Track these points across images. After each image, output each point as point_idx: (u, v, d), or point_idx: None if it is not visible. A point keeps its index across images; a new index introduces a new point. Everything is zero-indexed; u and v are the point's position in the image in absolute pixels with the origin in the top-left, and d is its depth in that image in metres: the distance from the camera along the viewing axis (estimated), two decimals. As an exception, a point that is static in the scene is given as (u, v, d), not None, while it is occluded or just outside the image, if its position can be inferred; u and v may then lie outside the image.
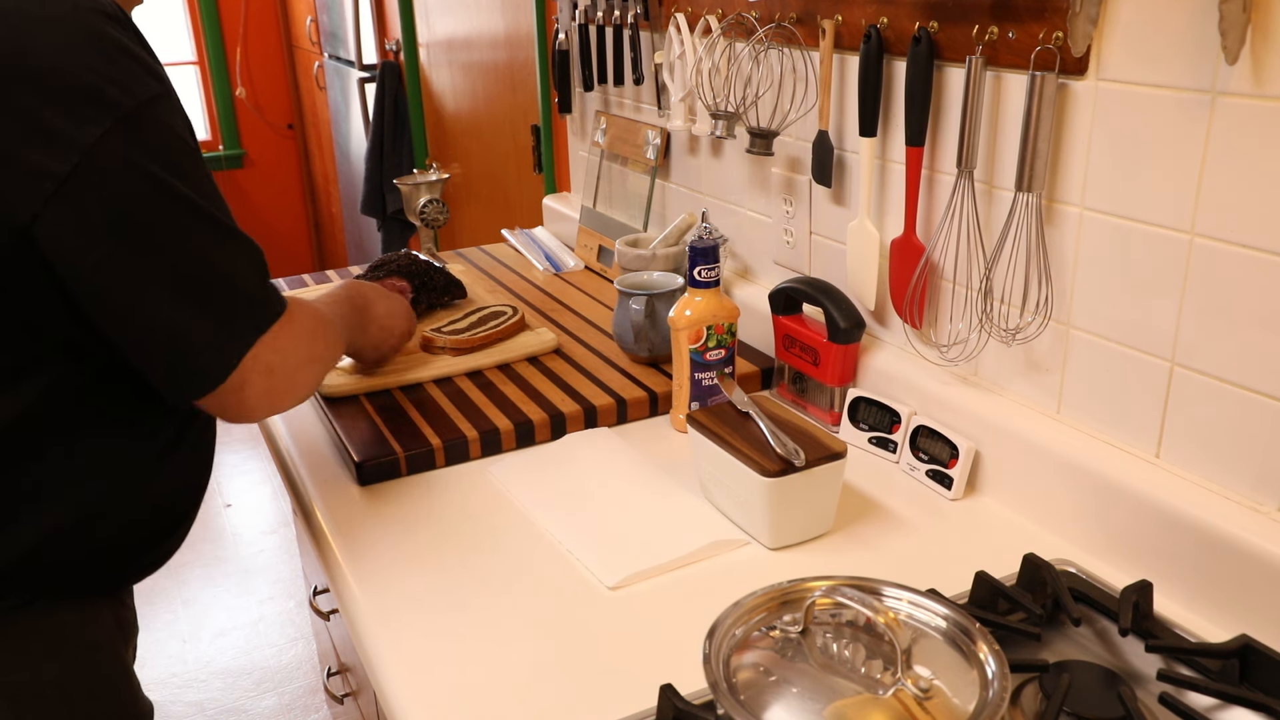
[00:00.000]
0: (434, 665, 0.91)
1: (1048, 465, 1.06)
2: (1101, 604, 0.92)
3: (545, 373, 1.42)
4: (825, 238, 1.38)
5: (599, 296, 1.74)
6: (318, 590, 1.58)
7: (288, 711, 2.41)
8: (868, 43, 1.19)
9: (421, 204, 1.99)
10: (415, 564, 1.06)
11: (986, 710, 0.70)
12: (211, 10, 4.45)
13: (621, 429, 1.33)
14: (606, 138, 1.89)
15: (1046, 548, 1.02)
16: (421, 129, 3.21)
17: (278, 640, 2.64)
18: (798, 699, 0.74)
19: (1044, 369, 1.09)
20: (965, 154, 1.08)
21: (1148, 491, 0.96)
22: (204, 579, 2.88)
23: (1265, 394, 0.89)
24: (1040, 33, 1.00)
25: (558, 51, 1.95)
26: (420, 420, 1.29)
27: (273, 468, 3.24)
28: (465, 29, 2.69)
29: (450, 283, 1.64)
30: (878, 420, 1.24)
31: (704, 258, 1.25)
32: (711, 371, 1.28)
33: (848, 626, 0.80)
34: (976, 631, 0.78)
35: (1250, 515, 0.90)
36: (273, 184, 4.80)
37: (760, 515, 1.05)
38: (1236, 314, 0.89)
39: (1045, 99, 0.99)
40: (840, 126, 1.30)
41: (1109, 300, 1.01)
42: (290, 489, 1.28)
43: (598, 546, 1.06)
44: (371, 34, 3.42)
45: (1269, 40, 0.81)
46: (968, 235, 1.12)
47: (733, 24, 1.42)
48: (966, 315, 1.16)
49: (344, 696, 1.62)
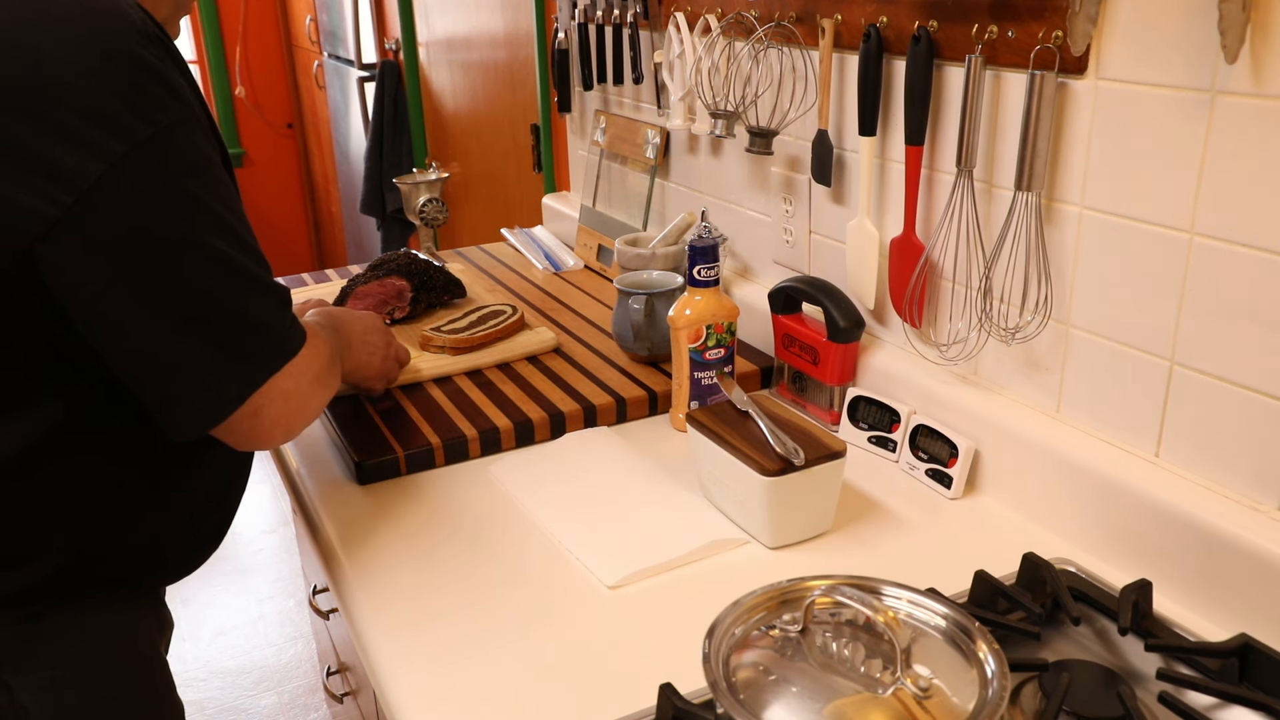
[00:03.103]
0: (433, 664, 0.91)
1: (1047, 464, 1.06)
2: (1101, 603, 0.92)
3: (545, 372, 1.42)
4: (825, 237, 1.38)
5: (598, 296, 1.74)
6: (317, 589, 1.58)
7: (287, 710, 2.41)
8: (867, 42, 1.18)
9: (421, 203, 1.99)
10: (415, 563, 1.06)
11: (986, 709, 0.70)
12: (211, 9, 4.45)
13: (621, 428, 1.33)
14: (606, 137, 1.89)
15: (1046, 547, 1.02)
16: (421, 128, 3.21)
17: (277, 639, 2.64)
18: (797, 698, 0.74)
19: (1044, 368, 1.09)
20: (965, 153, 1.08)
21: (1147, 490, 0.96)
22: (203, 578, 2.88)
23: (1265, 393, 0.89)
24: (1040, 32, 1.00)
25: (557, 50, 1.95)
26: (420, 419, 1.29)
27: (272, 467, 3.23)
28: (465, 28, 2.69)
29: (450, 282, 1.63)
30: (877, 419, 1.24)
31: (703, 257, 1.25)
32: (711, 371, 1.28)
33: (847, 626, 0.80)
34: (976, 631, 0.78)
35: (1250, 514, 0.90)
36: (272, 183, 4.80)
37: (760, 514, 1.05)
38: (1236, 313, 0.89)
39: (1045, 98, 0.99)
40: (840, 126, 1.30)
41: (1109, 299, 1.01)
42: (290, 488, 1.28)
43: (597, 546, 1.06)
44: (371, 33, 3.42)
45: (1268, 39, 0.81)
46: (967, 234, 1.12)
47: (732, 23, 1.42)
48: (966, 314, 1.16)
49: (343, 695, 1.62)
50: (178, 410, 0.86)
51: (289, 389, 0.90)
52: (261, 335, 0.88)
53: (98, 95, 0.79)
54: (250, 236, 0.89)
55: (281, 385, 0.89)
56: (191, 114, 0.84)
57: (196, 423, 0.87)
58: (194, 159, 0.84)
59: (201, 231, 0.84)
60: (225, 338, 0.86)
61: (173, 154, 0.82)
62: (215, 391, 0.86)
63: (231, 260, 0.86)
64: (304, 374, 0.92)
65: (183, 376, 0.85)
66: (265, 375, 0.88)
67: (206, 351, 0.85)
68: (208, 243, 0.84)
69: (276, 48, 4.62)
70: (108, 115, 0.79)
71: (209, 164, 0.86)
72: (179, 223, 0.83)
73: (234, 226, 0.87)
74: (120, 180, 0.79)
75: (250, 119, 4.66)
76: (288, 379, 0.89)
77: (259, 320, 0.88)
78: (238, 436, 0.90)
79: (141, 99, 0.80)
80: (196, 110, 0.86)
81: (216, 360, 0.85)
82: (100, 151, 0.78)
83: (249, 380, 0.87)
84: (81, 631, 0.96)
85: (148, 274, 0.82)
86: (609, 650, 0.93)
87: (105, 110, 0.79)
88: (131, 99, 0.80)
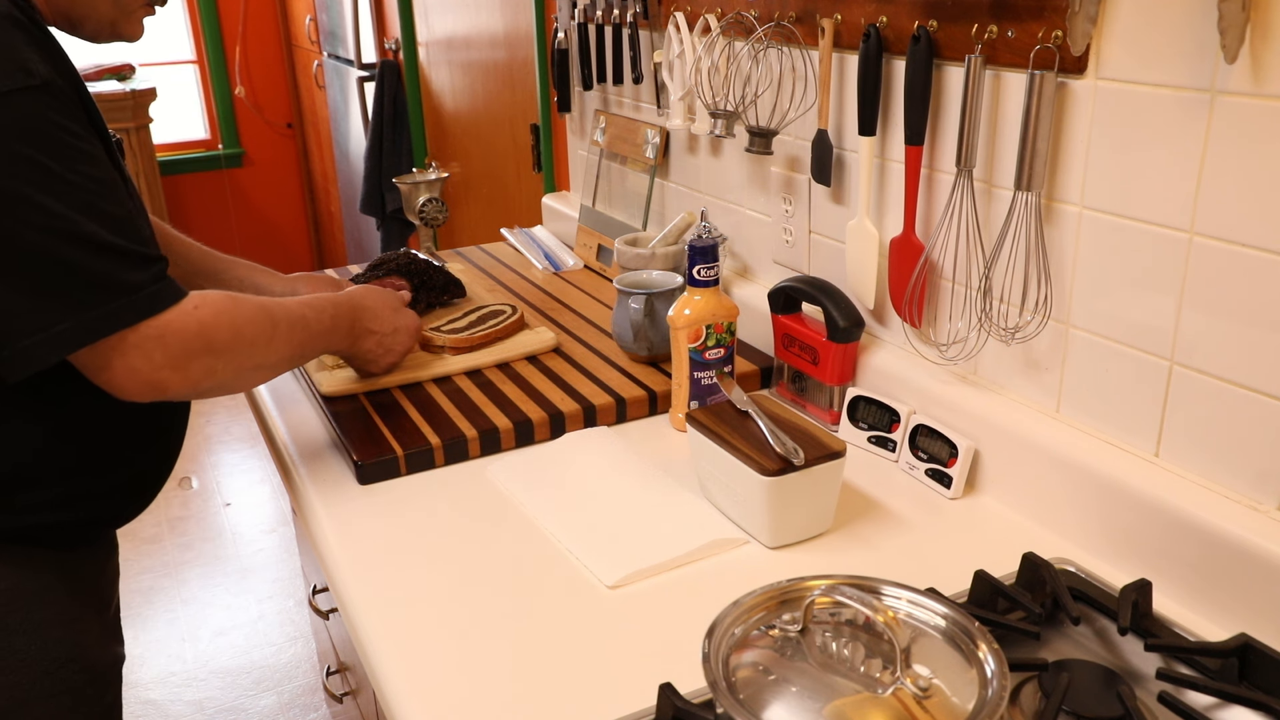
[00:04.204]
0: (433, 664, 0.91)
1: (1047, 464, 1.06)
2: (1101, 603, 0.92)
3: (544, 372, 1.42)
4: (824, 237, 1.38)
5: (598, 295, 1.74)
6: (317, 589, 1.58)
7: (287, 710, 2.41)
8: (867, 41, 1.18)
9: (421, 203, 1.99)
10: (414, 563, 1.06)
11: (986, 709, 0.70)
12: (210, 9, 4.45)
13: (621, 428, 1.33)
14: (606, 137, 1.89)
15: (1046, 546, 1.02)
16: (421, 128, 3.21)
17: (277, 639, 2.64)
18: (797, 698, 0.74)
19: (1043, 368, 1.09)
20: (964, 153, 1.08)
21: (1147, 490, 0.96)
22: (203, 578, 2.88)
23: (1264, 393, 0.89)
24: (1039, 31, 1.00)
25: (557, 50, 1.95)
26: (420, 419, 1.29)
27: (272, 466, 3.24)
28: (464, 28, 2.69)
29: (449, 281, 1.63)
30: (877, 419, 1.24)
31: (703, 257, 1.25)
32: (710, 370, 1.28)
33: (847, 625, 0.80)
34: (976, 630, 0.78)
35: (1249, 514, 0.90)
36: (272, 183, 4.80)
37: (759, 514, 1.05)
38: (1236, 312, 0.89)
39: (1044, 98, 0.99)
40: (839, 125, 1.30)
41: (1108, 299, 1.01)
42: (289, 488, 1.28)
43: (597, 545, 1.06)
44: (371, 33, 3.42)
45: (1268, 39, 0.81)
46: (967, 234, 1.12)
47: (732, 23, 1.42)
48: (966, 314, 1.16)
49: (343, 695, 1.62)
50: (6, 350, 0.91)
51: (148, 347, 0.95)
52: (101, 292, 0.93)
53: None
54: (112, 205, 0.94)
55: (134, 341, 0.94)
56: (41, 85, 0.90)
57: (23, 363, 0.92)
58: (35, 124, 0.90)
59: (30, 189, 0.89)
60: (53, 289, 0.91)
61: (8, 119, 0.88)
62: (43, 336, 0.91)
63: (66, 220, 0.90)
64: (170, 335, 0.97)
65: (10, 320, 0.90)
66: (108, 328, 0.93)
67: (31, 299, 0.90)
68: (36, 200, 0.89)
69: (276, 47, 4.62)
70: None
71: (59, 130, 0.91)
72: (10, 181, 0.88)
73: (79, 192, 0.91)
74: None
75: (250, 119, 4.66)
76: (141, 337, 0.95)
77: (97, 277, 0.93)
78: (100, 385, 0.97)
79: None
80: (54, 83, 0.91)
81: (43, 308, 0.91)
82: None
83: (86, 329, 0.92)
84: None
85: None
86: (609, 650, 0.93)
87: None
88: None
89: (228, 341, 1.03)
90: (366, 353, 1.31)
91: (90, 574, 1.13)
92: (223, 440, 3.55)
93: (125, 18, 1.06)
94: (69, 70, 0.96)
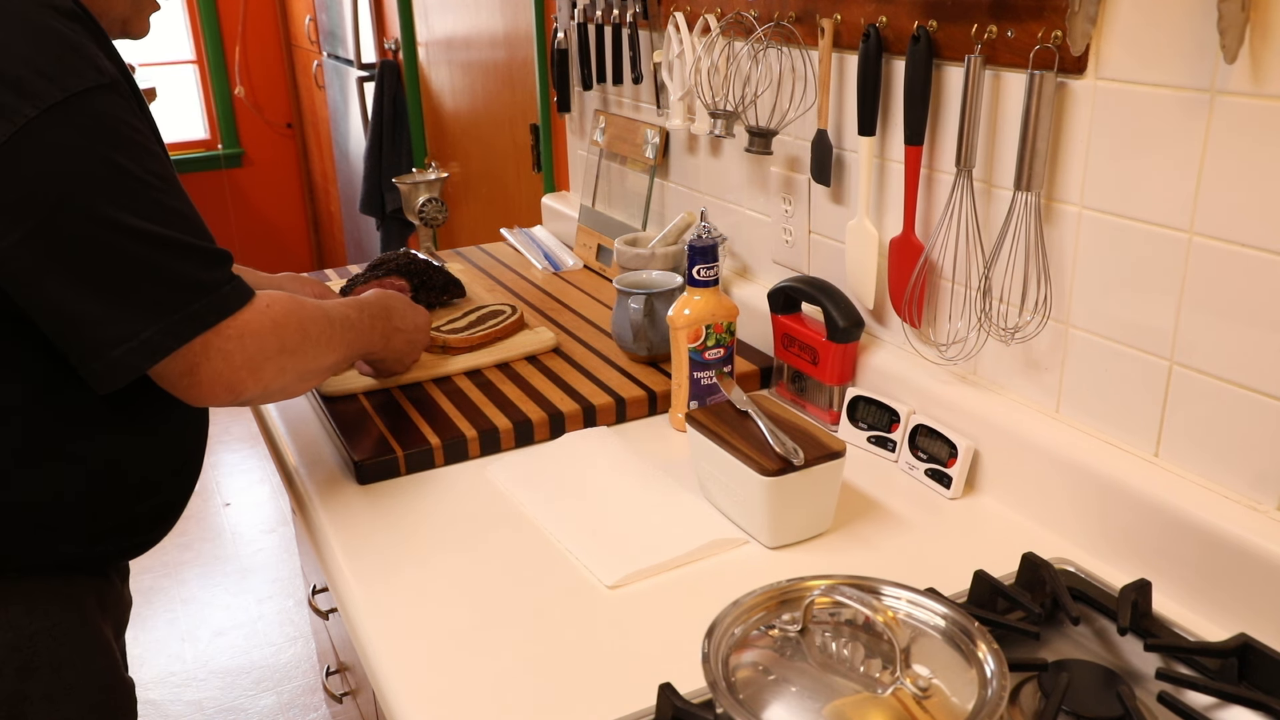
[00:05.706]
0: (433, 664, 0.91)
1: (1047, 464, 1.06)
2: (1100, 603, 0.92)
3: (544, 372, 1.42)
4: (824, 237, 1.38)
5: (598, 295, 1.74)
6: (316, 589, 1.58)
7: (286, 710, 2.41)
8: (866, 42, 1.18)
9: (420, 203, 1.99)
10: (414, 563, 1.06)
11: (985, 709, 0.70)
12: (210, 9, 4.45)
13: (620, 428, 1.33)
14: (605, 137, 1.89)
15: (1045, 546, 1.02)
16: (420, 128, 3.21)
17: (276, 639, 2.64)
18: (797, 698, 0.74)
19: (1043, 368, 1.09)
20: (964, 153, 1.08)
21: (1147, 490, 0.96)
22: (202, 578, 2.88)
23: (1264, 393, 0.89)
24: (1039, 32, 1.00)
25: (557, 50, 1.95)
26: (419, 419, 1.29)
27: (271, 466, 3.24)
28: (464, 28, 2.69)
29: (449, 282, 1.63)
30: (877, 419, 1.24)
31: (703, 257, 1.25)
32: (710, 370, 1.28)
33: (846, 625, 0.80)
34: (975, 630, 0.78)
35: (1249, 514, 0.90)
36: (272, 183, 4.80)
37: (759, 514, 1.05)
38: (1235, 313, 0.89)
39: (1044, 98, 0.99)
40: (839, 125, 1.30)
41: (1108, 299, 1.01)
42: (289, 488, 1.28)
43: (596, 545, 1.06)
44: (370, 33, 3.42)
45: (1268, 39, 0.81)
46: (967, 234, 1.12)
47: (732, 23, 1.42)
48: (965, 314, 1.16)
49: (343, 695, 1.62)
50: (97, 363, 0.89)
51: (229, 348, 0.93)
52: (182, 293, 0.91)
53: (9, 64, 0.83)
54: (180, 203, 0.92)
55: (217, 344, 0.92)
56: (111, 84, 0.88)
57: (115, 374, 0.90)
58: (111, 124, 0.88)
59: (113, 192, 0.87)
60: (137, 294, 0.89)
61: (86, 118, 0.86)
62: (133, 345, 0.88)
63: (145, 221, 0.88)
64: (249, 335, 0.94)
65: (98, 330, 0.88)
66: (192, 331, 0.90)
67: (117, 307, 0.88)
68: (120, 203, 0.87)
69: (276, 47, 4.62)
70: (18, 81, 0.83)
71: (130, 130, 0.89)
72: (89, 184, 0.86)
73: (153, 191, 0.89)
74: (29, 142, 0.83)
75: (250, 119, 4.66)
76: (223, 338, 0.92)
77: (178, 279, 0.91)
78: (180, 393, 0.94)
79: (54, 67, 0.85)
80: (120, 81, 0.89)
81: (129, 315, 0.88)
82: (10, 115, 0.83)
83: (172, 334, 0.90)
84: (10, 600, 0.98)
85: (55, 232, 0.85)
86: (608, 650, 0.93)
87: (16, 77, 0.83)
88: (43, 66, 0.84)
89: (298, 342, 1.01)
90: (397, 350, 1.30)
91: (113, 599, 1.12)
92: (223, 440, 3.55)
93: (137, 15, 1.05)
94: (124, 66, 0.94)
